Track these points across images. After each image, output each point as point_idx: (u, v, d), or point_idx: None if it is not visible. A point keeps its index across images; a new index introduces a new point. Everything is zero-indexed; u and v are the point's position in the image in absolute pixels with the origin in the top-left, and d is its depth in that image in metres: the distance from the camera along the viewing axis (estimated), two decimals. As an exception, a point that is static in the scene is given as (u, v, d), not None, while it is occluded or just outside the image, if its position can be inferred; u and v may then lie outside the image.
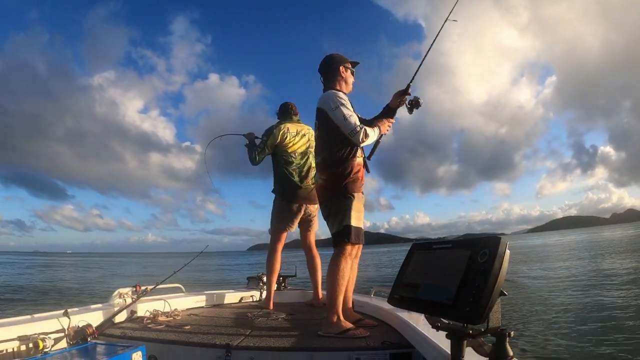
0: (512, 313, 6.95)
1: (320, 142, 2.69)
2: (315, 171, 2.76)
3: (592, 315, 6.73)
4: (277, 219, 3.59)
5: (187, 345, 2.22)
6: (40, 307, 9.89)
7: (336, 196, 2.55)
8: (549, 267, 16.99)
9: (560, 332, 5.78)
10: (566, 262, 19.50)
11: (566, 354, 4.95)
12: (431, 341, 1.71)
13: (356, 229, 2.52)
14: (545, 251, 31.57)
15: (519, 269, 16.12)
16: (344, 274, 2.49)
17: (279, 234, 3.60)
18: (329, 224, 2.63)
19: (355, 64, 2.79)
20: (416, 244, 1.25)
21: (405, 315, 2.38)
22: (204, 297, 3.55)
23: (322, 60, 2.79)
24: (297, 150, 3.60)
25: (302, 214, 3.57)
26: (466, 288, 0.91)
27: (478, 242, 0.97)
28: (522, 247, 40.74)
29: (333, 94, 2.57)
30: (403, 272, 1.20)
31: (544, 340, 5.41)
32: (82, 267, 36.47)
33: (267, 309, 3.34)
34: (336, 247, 2.55)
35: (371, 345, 2.18)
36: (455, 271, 0.97)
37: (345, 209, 2.51)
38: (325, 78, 2.75)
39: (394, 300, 1.16)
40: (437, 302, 0.98)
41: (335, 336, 2.36)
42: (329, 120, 2.53)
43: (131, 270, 33.08)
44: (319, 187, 2.71)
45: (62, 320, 2.14)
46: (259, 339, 2.33)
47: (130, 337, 2.34)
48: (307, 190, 3.53)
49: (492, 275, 0.88)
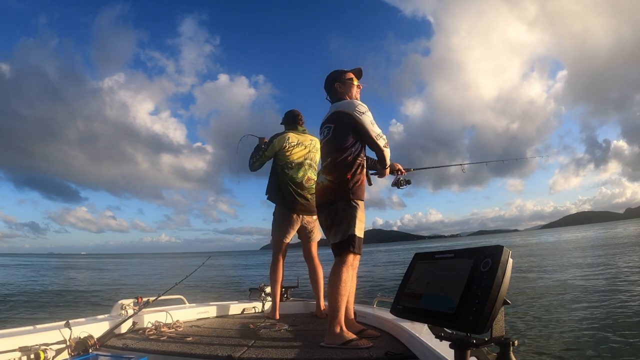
0: (516, 320, 6.85)
1: (332, 144, 2.65)
2: (319, 173, 2.72)
3: (602, 321, 6.56)
4: (278, 228, 3.58)
5: (190, 357, 2.21)
6: (51, 310, 9.85)
7: (341, 200, 2.53)
8: (560, 266, 16.04)
9: (567, 339, 5.69)
10: (578, 260, 18.43)
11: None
12: (434, 351, 1.70)
13: (359, 239, 2.52)
14: (559, 248, 29.81)
15: (530, 268, 15.50)
16: (346, 284, 2.46)
17: (280, 243, 3.59)
18: (331, 232, 2.58)
19: (359, 71, 2.86)
20: (419, 254, 1.25)
21: (408, 326, 2.37)
22: (206, 309, 3.53)
23: (326, 78, 2.87)
24: (294, 160, 3.60)
25: (299, 225, 3.57)
26: (469, 297, 0.91)
27: (481, 251, 0.98)
28: (534, 245, 38.74)
29: (355, 101, 2.68)
30: (406, 282, 1.20)
31: (549, 348, 5.34)
32: (92, 269, 36.33)
33: (272, 320, 3.33)
34: (338, 256, 2.52)
35: (374, 356, 2.16)
36: (458, 281, 0.97)
37: (351, 218, 2.50)
38: (331, 94, 2.84)
39: (396, 311, 1.16)
40: (440, 312, 0.98)
41: (339, 347, 2.34)
42: (353, 122, 2.56)
43: (140, 270, 33.11)
44: (323, 188, 2.63)
45: (64, 331, 2.13)
46: (261, 350, 2.32)
47: (132, 348, 2.33)
48: (305, 200, 3.55)
49: (495, 284, 0.88)
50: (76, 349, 2.01)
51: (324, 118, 2.81)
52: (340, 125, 2.62)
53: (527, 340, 5.65)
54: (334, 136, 2.64)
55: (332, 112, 2.71)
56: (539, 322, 6.83)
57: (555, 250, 27.79)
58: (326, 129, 2.72)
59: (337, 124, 2.64)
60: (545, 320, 6.89)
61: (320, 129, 2.82)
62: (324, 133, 2.74)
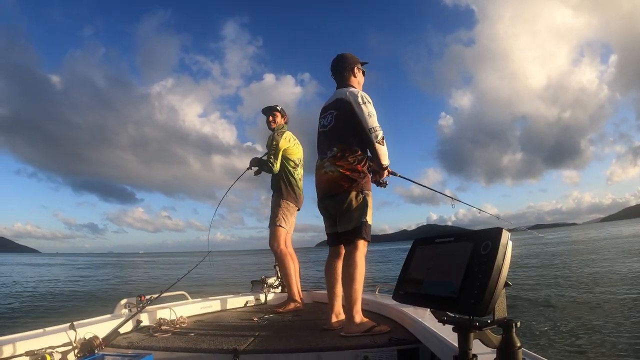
0: (523, 303, 6.82)
1: (337, 133, 2.60)
2: (325, 162, 2.61)
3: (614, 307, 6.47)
4: (286, 220, 3.69)
5: (195, 351, 2.22)
6: (58, 312, 9.93)
7: (354, 190, 2.51)
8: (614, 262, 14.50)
9: (572, 323, 5.71)
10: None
11: (576, 345, 4.92)
12: (438, 335, 1.71)
13: (370, 227, 2.52)
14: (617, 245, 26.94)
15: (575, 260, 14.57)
16: (362, 271, 2.45)
17: (288, 235, 3.72)
18: (343, 220, 2.53)
19: (365, 64, 2.81)
20: (418, 239, 1.25)
21: (410, 311, 2.39)
22: (209, 304, 3.55)
23: (334, 59, 2.78)
24: (295, 158, 3.76)
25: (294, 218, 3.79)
26: (470, 281, 0.91)
27: (480, 233, 0.98)
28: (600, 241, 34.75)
29: (360, 91, 2.61)
30: (407, 268, 1.20)
31: (552, 329, 5.40)
32: (143, 267, 37.98)
33: (299, 307, 3.45)
34: (351, 244, 2.50)
35: (378, 343, 2.18)
36: (459, 264, 0.97)
37: (364, 205, 2.50)
38: (339, 78, 2.75)
39: (398, 297, 1.16)
40: (442, 296, 0.98)
41: (362, 334, 2.33)
42: (352, 113, 2.52)
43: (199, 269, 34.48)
44: (335, 178, 2.54)
45: (69, 333, 2.14)
46: (266, 342, 2.33)
47: (137, 346, 2.34)
48: (301, 194, 3.79)
49: (496, 267, 0.88)
50: (82, 350, 2.01)
51: (327, 102, 2.75)
52: (344, 113, 2.57)
53: (534, 322, 5.67)
54: (339, 124, 2.60)
55: (335, 99, 2.66)
56: (544, 304, 6.85)
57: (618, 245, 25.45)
58: (329, 115, 2.67)
59: (339, 111, 2.60)
60: (550, 302, 6.89)
61: (322, 114, 2.75)
62: (327, 119, 2.68)
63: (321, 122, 2.75)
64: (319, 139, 2.78)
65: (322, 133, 2.73)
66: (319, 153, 2.76)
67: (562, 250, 25.72)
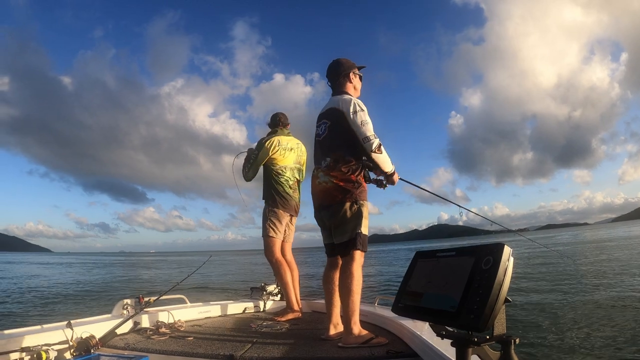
0: (520, 319, 6.74)
1: (330, 143, 2.57)
2: (320, 172, 2.60)
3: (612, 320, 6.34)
4: (273, 227, 3.61)
5: (191, 356, 2.21)
6: (55, 309, 9.94)
7: (348, 201, 2.48)
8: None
9: (571, 338, 5.61)
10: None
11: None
12: (436, 349, 1.70)
13: (366, 237, 2.50)
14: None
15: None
16: (359, 282, 2.43)
17: (278, 242, 3.63)
18: (338, 231, 2.53)
19: (362, 68, 2.76)
20: (420, 252, 1.25)
21: (409, 324, 2.37)
22: (207, 308, 3.54)
23: (329, 65, 2.74)
24: (287, 165, 3.64)
25: (285, 225, 3.67)
26: (470, 295, 0.91)
27: (481, 249, 0.98)
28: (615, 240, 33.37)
29: (353, 99, 2.53)
30: (407, 281, 1.20)
31: (553, 346, 5.31)
32: (137, 266, 37.79)
33: (296, 315, 3.39)
34: (347, 255, 2.48)
35: (375, 355, 2.16)
36: (459, 279, 0.97)
37: (358, 216, 2.48)
38: (335, 83, 2.71)
39: (398, 309, 1.16)
40: (442, 310, 0.98)
41: (360, 346, 2.31)
42: (345, 122, 2.47)
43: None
44: (329, 188, 2.52)
45: (66, 331, 2.14)
46: (263, 349, 2.32)
47: (134, 348, 2.33)
48: (295, 202, 3.69)
49: (497, 282, 0.88)
50: (78, 349, 2.01)
51: (322, 110, 2.72)
52: (336, 123, 2.54)
53: (532, 338, 5.59)
54: (332, 134, 2.57)
55: (329, 108, 2.62)
56: (543, 320, 6.75)
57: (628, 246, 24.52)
58: (323, 125, 2.64)
59: (332, 121, 2.57)
60: (550, 318, 6.78)
61: (317, 122, 2.73)
62: (321, 128, 2.65)
63: (316, 131, 2.73)
64: (314, 148, 2.75)
65: (317, 142, 2.72)
66: (314, 162, 2.73)
67: (568, 251, 25.28)
